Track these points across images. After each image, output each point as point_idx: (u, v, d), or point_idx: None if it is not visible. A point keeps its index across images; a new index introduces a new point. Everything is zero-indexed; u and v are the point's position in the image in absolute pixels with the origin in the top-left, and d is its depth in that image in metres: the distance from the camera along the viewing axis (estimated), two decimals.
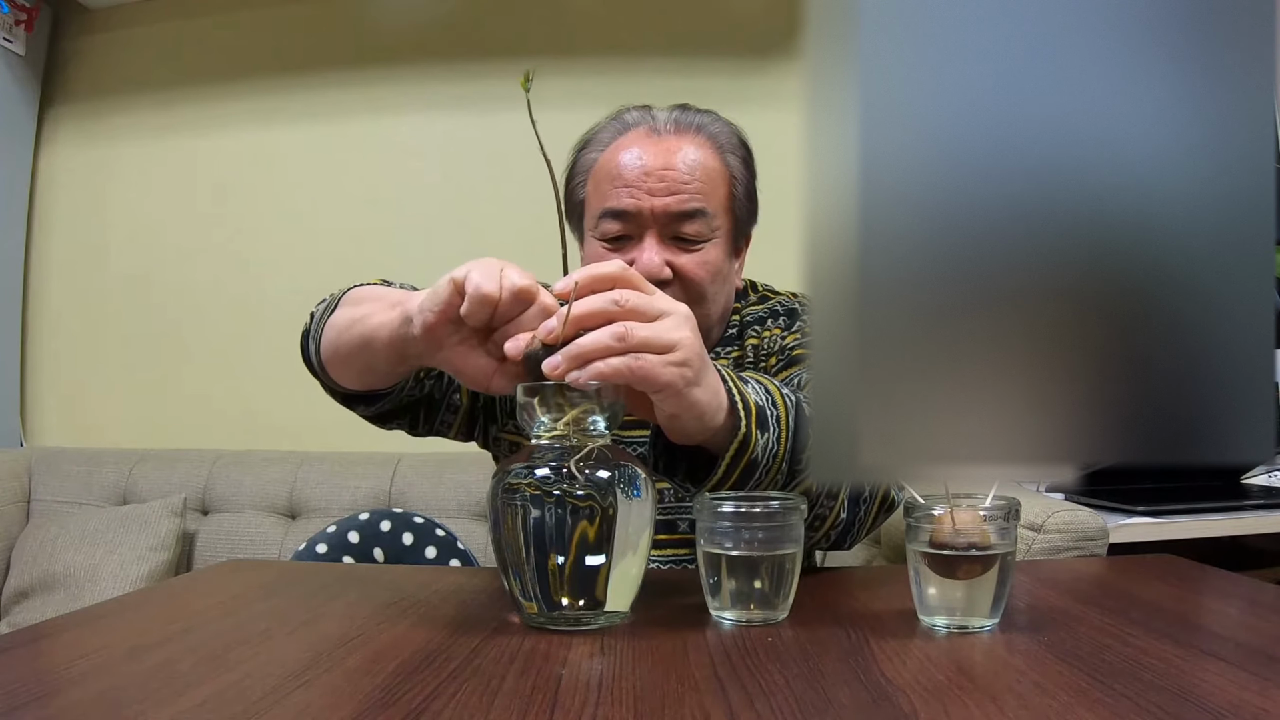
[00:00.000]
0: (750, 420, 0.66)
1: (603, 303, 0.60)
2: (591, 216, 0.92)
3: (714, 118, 0.94)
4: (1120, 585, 0.77)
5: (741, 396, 0.66)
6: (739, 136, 0.95)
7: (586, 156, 0.95)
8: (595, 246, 0.92)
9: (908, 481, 0.66)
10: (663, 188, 0.87)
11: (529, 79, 0.63)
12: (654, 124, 0.91)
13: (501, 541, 0.60)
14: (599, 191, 0.91)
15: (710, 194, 0.90)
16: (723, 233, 0.92)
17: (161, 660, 0.54)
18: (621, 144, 0.91)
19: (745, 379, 0.69)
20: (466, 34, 2.16)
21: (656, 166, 0.88)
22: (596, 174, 0.93)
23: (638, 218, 0.88)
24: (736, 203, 0.94)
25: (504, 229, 2.04)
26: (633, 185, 0.87)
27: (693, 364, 0.61)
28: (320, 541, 1.27)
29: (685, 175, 0.88)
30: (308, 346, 0.85)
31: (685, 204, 0.88)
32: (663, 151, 0.89)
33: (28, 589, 1.72)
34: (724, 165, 0.92)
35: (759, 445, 0.66)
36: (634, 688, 0.48)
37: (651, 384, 0.60)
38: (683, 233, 0.88)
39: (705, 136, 0.92)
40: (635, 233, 0.89)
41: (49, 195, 2.25)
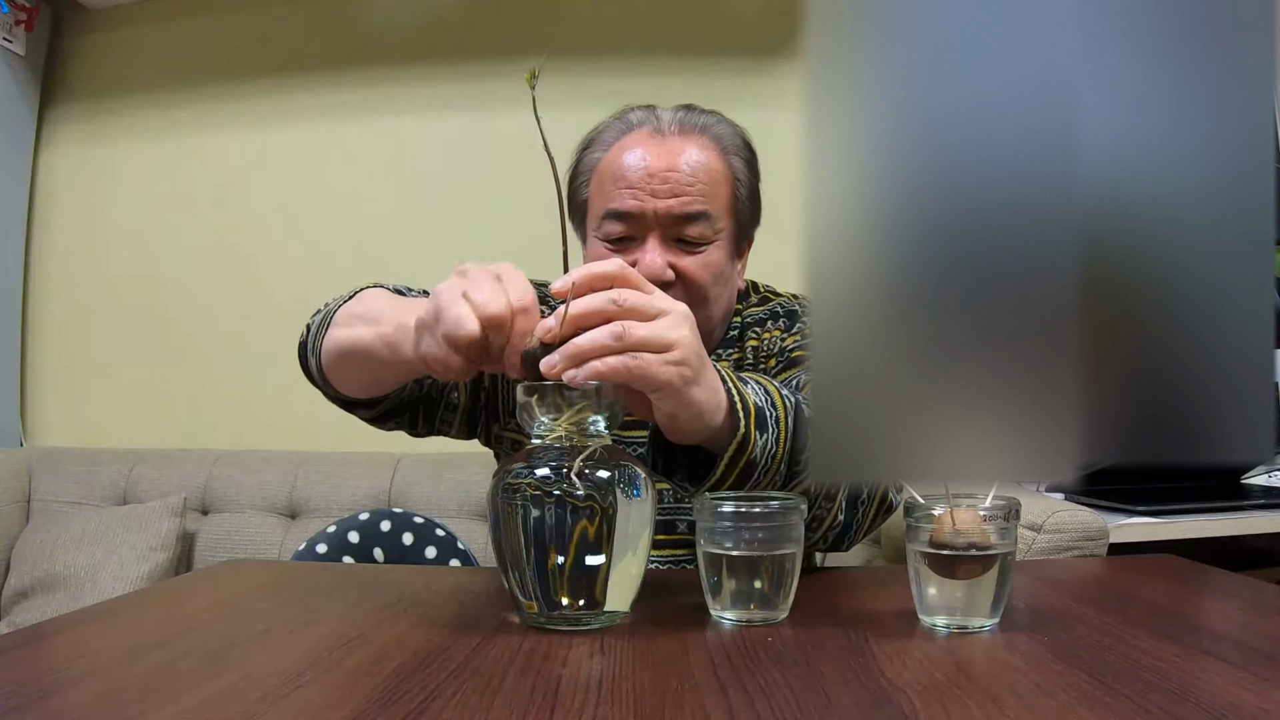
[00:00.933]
0: (749, 421, 0.66)
1: (601, 301, 0.60)
2: (594, 217, 0.92)
3: (718, 119, 0.94)
4: (1120, 585, 0.77)
5: (741, 397, 0.66)
6: (743, 138, 0.95)
7: (590, 156, 0.95)
8: (598, 247, 0.91)
9: (908, 481, 0.66)
10: (666, 189, 0.87)
11: (534, 75, 0.62)
12: (658, 124, 0.91)
13: (501, 541, 0.60)
14: (602, 192, 0.91)
15: (713, 196, 0.89)
16: (725, 235, 0.91)
17: (161, 660, 0.54)
18: (625, 144, 0.91)
19: (745, 379, 0.69)
20: (466, 34, 2.16)
21: (660, 168, 0.88)
22: (600, 174, 0.92)
23: (640, 219, 0.88)
24: (739, 205, 0.93)
25: (504, 229, 2.04)
26: (636, 186, 0.87)
27: (691, 363, 0.61)
28: (320, 541, 1.27)
29: (689, 177, 0.88)
30: (307, 359, 0.85)
31: (688, 206, 0.87)
32: (666, 153, 0.88)
33: (28, 589, 1.72)
34: (727, 167, 0.92)
35: (758, 446, 0.66)
36: (634, 688, 0.48)
37: (649, 383, 0.59)
38: (685, 235, 0.88)
39: (709, 138, 0.92)
40: (638, 234, 0.89)
41: (49, 195, 2.25)
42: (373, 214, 2.17)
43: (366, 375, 0.79)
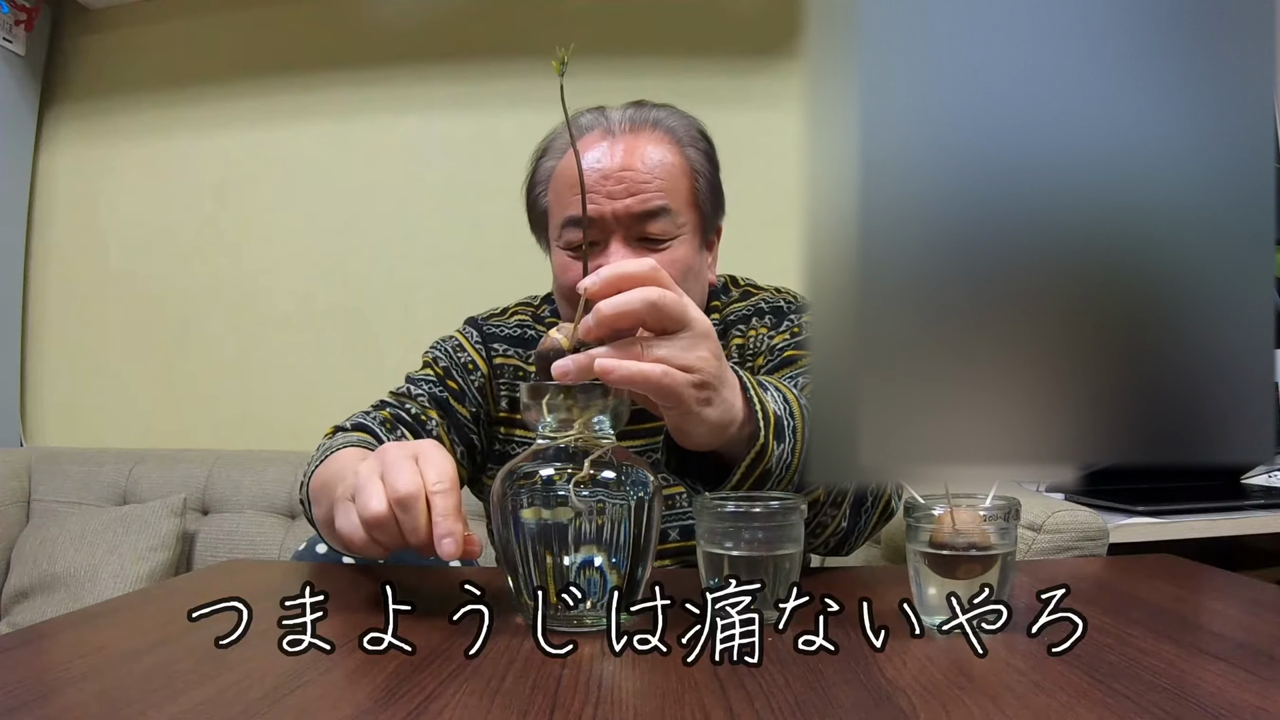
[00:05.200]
0: (769, 430, 0.65)
1: (637, 304, 0.59)
2: (555, 225, 0.91)
3: (670, 111, 0.92)
4: (1120, 585, 0.77)
5: (761, 405, 0.66)
6: (698, 129, 0.93)
7: (545, 165, 0.93)
8: (561, 255, 0.90)
9: (908, 481, 0.66)
10: (622, 189, 0.85)
11: (563, 62, 0.61)
12: (608, 125, 0.89)
13: (504, 541, 0.60)
14: (559, 200, 0.90)
15: (672, 190, 0.87)
16: (690, 228, 0.89)
17: (161, 660, 0.54)
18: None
19: (766, 386, 0.69)
20: (466, 34, 2.16)
21: (614, 168, 0.86)
22: (555, 182, 0.91)
23: (600, 223, 0.85)
24: (700, 196, 0.91)
25: (503, 229, 2.03)
26: (592, 190, 0.84)
27: (710, 384, 0.61)
28: (320, 541, 1.26)
29: (645, 174, 0.86)
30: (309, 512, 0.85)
31: (647, 203, 0.85)
32: (620, 152, 0.86)
33: (28, 589, 1.72)
34: (684, 159, 0.90)
35: (774, 455, 0.66)
36: (634, 688, 0.48)
37: (666, 400, 0.60)
38: (648, 232, 0.86)
39: (662, 131, 0.90)
40: (599, 238, 0.86)
41: (49, 195, 2.25)
42: (372, 214, 2.17)
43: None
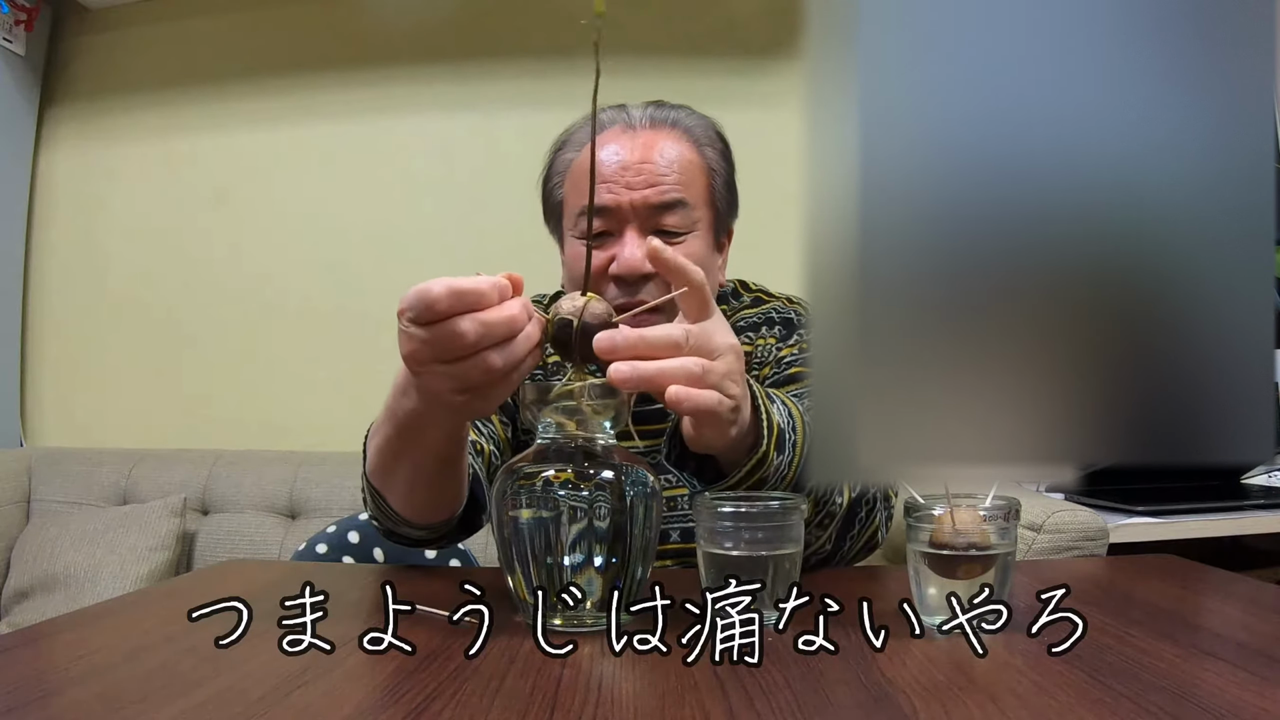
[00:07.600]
0: (771, 440, 0.68)
1: (678, 334, 0.60)
2: (570, 215, 0.92)
3: (689, 112, 0.94)
4: (1120, 585, 0.77)
5: (768, 415, 0.68)
6: (715, 129, 0.95)
7: (563, 157, 0.95)
8: (575, 245, 0.91)
9: (908, 481, 0.66)
10: (640, 181, 0.87)
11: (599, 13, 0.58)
12: (629, 120, 0.91)
13: (504, 541, 0.60)
14: (577, 190, 0.91)
15: (689, 185, 0.89)
16: (704, 225, 0.91)
17: (161, 660, 0.54)
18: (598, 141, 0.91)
19: (773, 397, 0.71)
20: (466, 34, 2.16)
21: (634, 161, 0.88)
22: (574, 173, 0.93)
23: (617, 213, 0.87)
24: (716, 195, 0.93)
25: (503, 229, 2.04)
26: (610, 181, 0.87)
27: (740, 406, 0.63)
28: (320, 541, 1.27)
29: (663, 168, 0.88)
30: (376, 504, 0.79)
31: (664, 195, 0.87)
32: (639, 146, 0.88)
33: (28, 589, 1.72)
34: (701, 158, 0.92)
35: (773, 465, 0.68)
36: (634, 688, 0.48)
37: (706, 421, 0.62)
38: (663, 225, 0.88)
39: (681, 130, 0.92)
40: (615, 228, 0.88)
41: (49, 195, 2.25)
42: (372, 214, 2.17)
43: (409, 470, 0.73)
